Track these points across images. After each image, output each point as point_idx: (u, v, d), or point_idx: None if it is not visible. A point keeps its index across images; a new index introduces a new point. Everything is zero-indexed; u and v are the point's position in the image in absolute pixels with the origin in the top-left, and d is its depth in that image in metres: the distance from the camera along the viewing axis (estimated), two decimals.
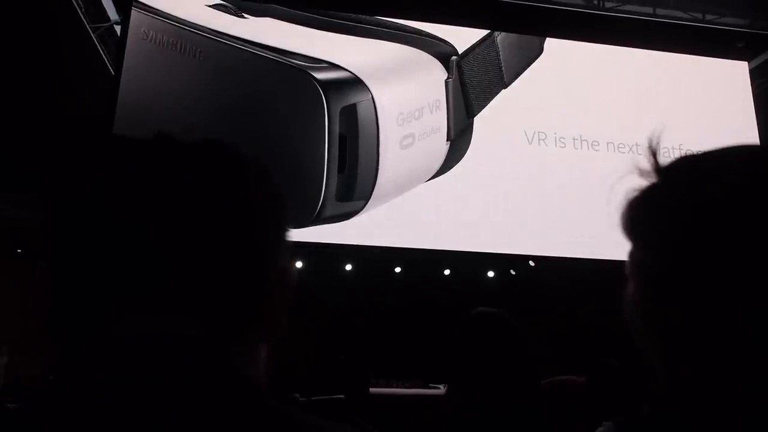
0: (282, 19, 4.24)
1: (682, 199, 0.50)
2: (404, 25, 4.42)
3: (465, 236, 4.36)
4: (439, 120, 4.25)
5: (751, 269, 0.45)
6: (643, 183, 0.52)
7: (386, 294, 5.69)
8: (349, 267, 5.71)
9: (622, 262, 0.55)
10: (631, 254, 0.53)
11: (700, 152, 0.52)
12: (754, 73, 5.20)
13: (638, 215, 0.53)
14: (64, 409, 0.38)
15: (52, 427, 0.37)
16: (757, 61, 5.33)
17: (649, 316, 0.51)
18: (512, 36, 4.63)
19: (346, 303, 5.56)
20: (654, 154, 0.52)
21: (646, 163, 0.52)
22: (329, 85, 3.77)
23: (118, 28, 4.63)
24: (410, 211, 4.24)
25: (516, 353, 1.24)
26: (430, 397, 3.73)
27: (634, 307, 0.52)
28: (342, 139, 3.83)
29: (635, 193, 0.53)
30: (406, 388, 4.91)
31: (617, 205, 0.54)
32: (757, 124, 4.93)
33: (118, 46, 4.38)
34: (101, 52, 4.82)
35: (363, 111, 3.86)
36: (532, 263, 5.10)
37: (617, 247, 0.61)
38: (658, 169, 0.52)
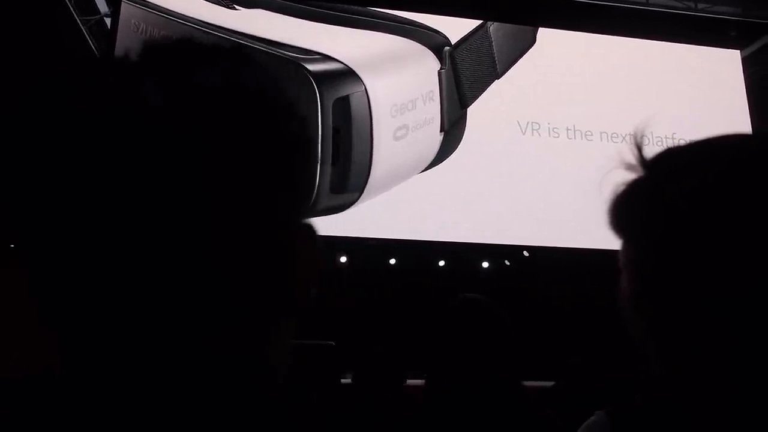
0: (273, 10, 4.22)
1: (665, 191, 0.50)
2: (397, 16, 4.40)
3: (459, 227, 4.36)
4: (432, 111, 4.24)
5: (729, 259, 0.45)
6: (629, 177, 0.52)
7: (381, 285, 5.70)
8: (343, 259, 5.71)
9: (616, 251, 0.56)
10: (621, 248, 0.54)
11: (686, 143, 0.52)
12: (746, 62, 5.21)
13: (624, 210, 0.53)
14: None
15: None
16: (749, 50, 5.34)
17: (639, 309, 0.51)
18: (505, 26, 4.61)
19: (340, 295, 5.57)
20: (639, 147, 0.52)
21: (631, 157, 0.52)
22: (322, 77, 3.76)
23: (108, 21, 4.60)
24: (404, 203, 4.24)
25: (496, 337, 1.26)
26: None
27: (626, 300, 0.53)
28: (335, 131, 3.82)
29: (621, 188, 0.52)
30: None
31: (606, 200, 0.54)
32: (750, 112, 4.95)
33: (108, 38, 4.35)
34: (91, 44, 4.78)
35: (356, 103, 3.85)
36: (526, 253, 5.12)
37: (611, 237, 0.62)
38: (644, 162, 0.52)
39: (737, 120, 4.90)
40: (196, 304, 0.35)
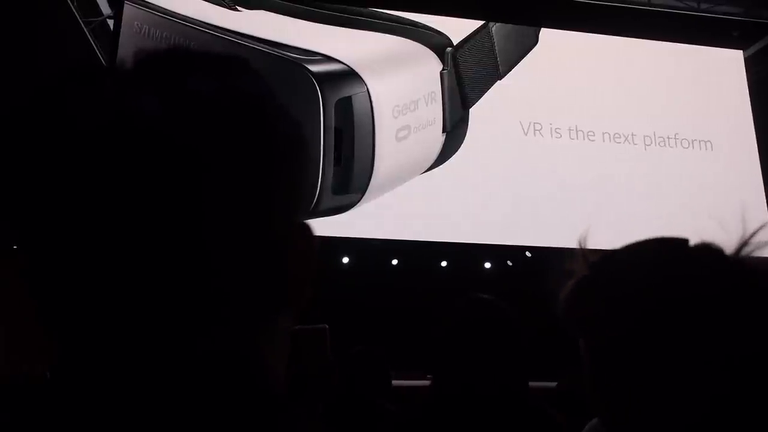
0: (276, 12, 4.22)
1: (604, 289, 0.63)
2: (399, 16, 4.40)
3: (461, 228, 4.36)
4: (434, 112, 4.24)
5: (659, 350, 0.58)
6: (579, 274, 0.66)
7: (383, 286, 5.70)
8: (346, 260, 5.71)
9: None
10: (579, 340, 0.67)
11: (622, 246, 0.66)
12: (749, 62, 5.20)
13: (571, 305, 0.67)
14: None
15: None
16: (752, 50, 5.33)
17: (591, 386, 0.65)
18: (507, 27, 4.61)
19: (343, 296, 5.58)
20: (582, 250, 0.68)
21: (579, 257, 0.67)
22: (324, 78, 3.76)
23: (111, 23, 4.61)
24: (406, 204, 4.24)
25: (506, 338, 1.24)
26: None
27: (583, 379, 0.66)
28: (337, 131, 3.81)
29: (569, 286, 0.66)
30: (405, 380, 4.91)
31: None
32: (752, 112, 4.94)
33: (111, 40, 4.35)
34: (94, 46, 4.79)
35: (358, 103, 3.85)
36: (528, 254, 5.12)
37: (614, 238, 0.65)
38: (587, 263, 0.66)
39: (739, 120, 4.89)
40: (192, 304, 0.35)
